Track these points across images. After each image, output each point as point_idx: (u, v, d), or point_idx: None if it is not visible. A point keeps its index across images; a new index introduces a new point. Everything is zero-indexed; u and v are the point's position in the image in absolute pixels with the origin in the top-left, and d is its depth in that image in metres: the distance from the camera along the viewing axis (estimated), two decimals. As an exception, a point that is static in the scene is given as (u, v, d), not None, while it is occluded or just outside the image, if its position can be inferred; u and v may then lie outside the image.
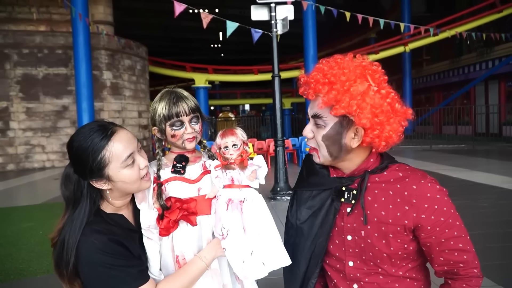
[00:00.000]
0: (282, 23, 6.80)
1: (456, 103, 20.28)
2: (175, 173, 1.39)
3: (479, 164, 10.32)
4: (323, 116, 1.14)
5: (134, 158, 1.25)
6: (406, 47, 18.42)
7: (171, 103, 1.36)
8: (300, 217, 1.25)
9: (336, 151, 1.15)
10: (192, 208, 1.36)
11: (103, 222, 1.24)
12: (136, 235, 1.33)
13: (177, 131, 1.37)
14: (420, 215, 1.09)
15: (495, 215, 5.33)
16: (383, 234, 1.12)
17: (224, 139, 1.33)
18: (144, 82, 16.33)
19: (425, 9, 23.39)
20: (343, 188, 1.17)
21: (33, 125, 13.27)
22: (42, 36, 13.40)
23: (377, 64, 1.18)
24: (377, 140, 1.12)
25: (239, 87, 27.23)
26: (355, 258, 1.18)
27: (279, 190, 6.88)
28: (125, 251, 1.22)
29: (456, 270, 1.12)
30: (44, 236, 5.04)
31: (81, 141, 1.20)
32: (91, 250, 1.17)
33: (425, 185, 1.11)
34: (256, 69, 20.08)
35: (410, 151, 14.50)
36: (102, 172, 1.21)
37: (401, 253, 1.13)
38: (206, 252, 1.32)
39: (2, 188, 9.48)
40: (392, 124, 1.12)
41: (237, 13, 23.44)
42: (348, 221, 1.17)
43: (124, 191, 1.27)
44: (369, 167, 1.18)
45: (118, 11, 17.95)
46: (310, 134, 1.18)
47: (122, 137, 1.23)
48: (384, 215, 1.12)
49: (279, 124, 6.94)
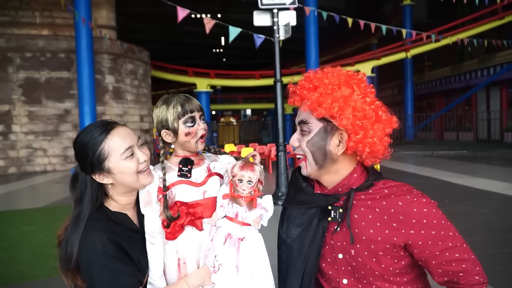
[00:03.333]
0: (284, 29, 6.83)
1: (457, 109, 20.28)
2: (181, 176, 1.39)
3: (481, 170, 10.30)
4: (308, 121, 1.15)
5: (133, 151, 1.29)
6: (407, 53, 18.46)
7: (183, 101, 1.38)
8: (290, 234, 1.24)
9: (321, 159, 1.15)
10: (198, 213, 1.36)
11: (106, 218, 1.28)
12: (139, 236, 1.34)
13: (191, 128, 1.38)
14: (408, 231, 1.08)
15: (496, 222, 5.32)
16: (373, 253, 1.11)
17: (242, 171, 1.30)
18: (146, 87, 16.37)
19: (427, 16, 23.47)
20: (329, 207, 1.16)
21: (35, 128, 13.30)
22: (45, 40, 13.47)
23: (363, 74, 1.19)
24: (360, 145, 1.11)
25: (240, 92, 27.28)
26: (348, 275, 1.16)
27: (280, 195, 6.88)
28: (123, 254, 1.24)
29: (457, 280, 1.10)
30: (45, 239, 5.04)
31: (83, 136, 1.28)
32: (91, 247, 1.20)
33: (410, 200, 1.10)
34: (258, 74, 20.14)
35: (412, 156, 14.49)
36: (102, 165, 1.26)
37: (393, 269, 1.12)
38: (194, 278, 1.32)
39: (3, 192, 9.49)
40: (375, 130, 1.12)
41: (239, 18, 23.51)
42: (338, 239, 1.16)
43: (124, 184, 1.30)
44: (353, 183, 1.17)
45: (121, 15, 18.05)
46: (296, 142, 1.19)
47: (120, 132, 1.29)
48: (372, 233, 1.11)
49: (280, 129, 6.96)
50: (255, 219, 1.32)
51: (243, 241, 1.30)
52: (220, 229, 1.32)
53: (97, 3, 14.31)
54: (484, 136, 18.37)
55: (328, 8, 10.38)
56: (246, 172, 1.30)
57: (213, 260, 1.29)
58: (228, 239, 1.29)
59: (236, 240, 1.29)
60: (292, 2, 6.84)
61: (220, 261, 1.28)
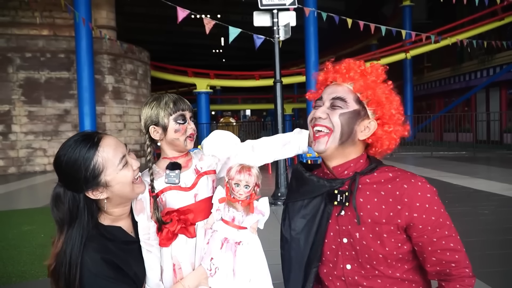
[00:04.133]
0: (284, 29, 6.84)
1: (457, 110, 20.28)
2: (169, 183, 1.37)
3: (480, 171, 10.31)
4: (346, 99, 1.18)
5: (127, 160, 1.25)
6: (407, 54, 18.47)
7: (175, 99, 1.39)
8: (295, 227, 1.23)
9: (346, 135, 1.18)
10: (190, 219, 1.35)
11: (100, 236, 1.22)
12: (135, 246, 1.32)
13: (182, 125, 1.37)
14: (412, 213, 1.11)
15: (496, 222, 5.33)
16: (378, 235, 1.14)
17: (239, 175, 1.29)
18: (146, 87, 16.38)
19: (427, 17, 23.48)
20: (335, 191, 1.18)
21: (34, 128, 13.30)
22: (45, 40, 13.47)
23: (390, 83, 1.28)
24: (385, 137, 1.19)
25: (240, 92, 27.27)
26: (352, 261, 1.18)
27: (280, 195, 6.89)
28: (118, 273, 1.20)
29: (449, 271, 1.13)
30: (45, 239, 5.04)
31: (69, 153, 1.18)
32: (85, 268, 1.16)
33: (415, 184, 1.13)
34: (257, 74, 20.15)
35: (411, 157, 14.49)
36: (97, 179, 1.19)
37: (396, 253, 1.14)
38: (190, 280, 1.31)
39: (3, 191, 9.49)
40: (399, 129, 1.21)
41: (239, 19, 23.53)
42: (343, 223, 1.18)
43: (121, 195, 1.25)
44: (359, 168, 1.20)
45: (121, 16, 18.05)
46: (324, 114, 1.19)
47: (109, 142, 1.23)
48: (377, 215, 1.14)
49: (280, 129, 6.96)
50: (252, 224, 1.30)
51: (240, 245, 1.28)
52: (216, 233, 1.31)
53: (97, 3, 14.32)
54: (483, 137, 18.37)
55: (328, 9, 10.39)
56: (243, 176, 1.29)
57: (210, 263, 1.28)
58: (224, 243, 1.28)
59: (233, 244, 1.28)
60: (292, 3, 6.85)
61: (217, 265, 1.27)
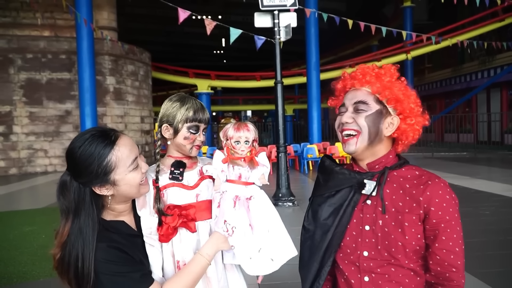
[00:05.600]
0: (285, 30, 6.85)
1: (457, 111, 20.28)
2: (173, 179, 1.40)
3: (481, 172, 10.31)
4: (368, 102, 1.25)
5: (138, 162, 1.26)
6: (408, 55, 18.47)
7: (197, 108, 1.42)
8: (322, 215, 1.30)
9: (374, 135, 1.24)
10: (191, 214, 1.37)
11: (103, 230, 1.22)
12: (139, 240, 1.33)
13: (193, 135, 1.41)
14: (430, 207, 1.17)
15: (496, 223, 5.33)
16: (399, 223, 1.19)
17: (238, 133, 1.31)
18: (147, 88, 16.39)
19: (427, 18, 23.48)
20: (364, 181, 1.25)
21: (36, 129, 13.33)
22: (46, 41, 13.50)
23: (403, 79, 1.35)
24: (409, 129, 1.26)
25: (241, 93, 27.29)
26: (370, 248, 1.22)
27: (281, 196, 6.89)
28: (126, 256, 1.21)
29: (448, 275, 1.18)
30: (46, 239, 5.05)
31: (85, 146, 1.19)
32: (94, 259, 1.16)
33: (439, 183, 1.20)
34: (258, 75, 20.14)
35: (412, 158, 14.46)
36: (107, 177, 1.20)
37: (415, 243, 1.19)
38: (208, 248, 1.31)
39: (4, 192, 9.51)
40: (421, 120, 1.30)
41: (240, 19, 23.54)
42: (368, 211, 1.24)
43: (127, 195, 1.27)
44: (388, 163, 1.27)
45: (122, 17, 18.08)
46: (350, 119, 1.26)
47: (126, 142, 1.24)
48: (401, 205, 1.20)
49: (281, 130, 6.97)
50: (260, 177, 1.34)
51: (252, 200, 1.31)
52: (226, 193, 1.32)
53: (98, 4, 14.35)
54: (484, 138, 18.36)
55: (329, 10, 10.40)
56: (242, 132, 1.31)
57: (225, 225, 1.28)
58: (237, 201, 1.30)
59: (244, 201, 1.31)
60: (293, 4, 6.86)
61: (233, 224, 1.28)
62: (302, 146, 12.83)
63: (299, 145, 13.19)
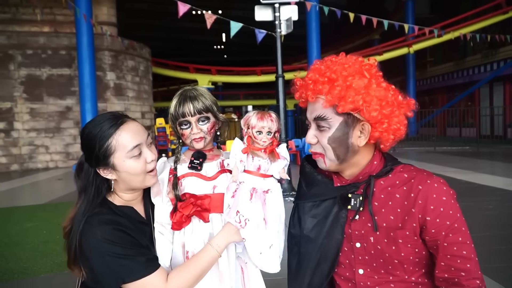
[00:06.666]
0: (286, 24, 6.79)
1: (460, 105, 20.19)
2: (192, 169, 1.39)
3: (484, 166, 10.26)
4: (326, 117, 1.09)
5: (141, 150, 1.25)
6: (410, 49, 18.37)
7: (178, 103, 1.38)
8: (305, 226, 1.19)
9: (343, 153, 1.10)
10: (205, 204, 1.35)
11: (111, 213, 1.24)
12: (147, 228, 1.32)
13: (185, 131, 1.39)
14: (425, 216, 1.04)
15: (500, 218, 5.29)
16: (392, 240, 1.07)
17: (261, 122, 1.24)
18: (147, 83, 16.35)
19: (429, 11, 23.32)
20: (349, 195, 1.13)
21: (36, 125, 13.30)
22: (46, 37, 13.44)
23: (373, 60, 1.15)
24: (385, 134, 1.09)
25: (242, 88, 27.23)
26: (365, 265, 1.12)
27: (282, 191, 6.86)
28: (132, 239, 1.21)
29: (457, 280, 1.05)
30: (47, 235, 5.04)
31: (92, 127, 1.23)
32: (96, 240, 1.17)
33: (431, 185, 1.06)
34: (259, 70, 20.08)
35: (414, 152, 14.44)
36: (107, 160, 1.22)
37: (413, 258, 1.08)
38: (219, 240, 1.27)
39: (6, 188, 9.50)
40: (398, 116, 1.09)
41: (240, 14, 23.41)
42: (356, 228, 1.13)
43: (129, 183, 1.26)
44: (373, 170, 1.14)
45: (122, 12, 17.98)
46: (314, 139, 1.13)
47: (130, 128, 1.24)
48: (393, 219, 1.08)
49: (283, 124, 6.93)
50: (280, 170, 1.28)
51: (268, 193, 1.27)
52: (243, 184, 1.27)
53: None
54: (487, 132, 18.29)
55: (330, 3, 10.32)
56: (266, 122, 1.24)
57: (238, 216, 1.24)
58: (253, 193, 1.26)
59: (261, 194, 1.26)
60: (294, -3, 6.80)
61: (247, 216, 1.23)
62: (303, 141, 12.78)
63: (300, 140, 13.13)
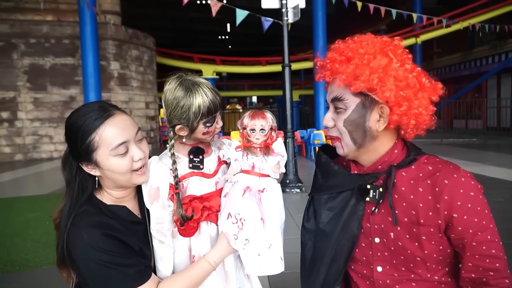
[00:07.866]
0: (293, 11, 6.64)
1: (467, 97, 19.97)
2: (193, 168, 1.27)
3: (491, 159, 10.12)
4: (343, 97, 1.03)
5: (128, 147, 1.12)
6: (417, 39, 18.12)
7: (210, 102, 1.21)
8: (321, 219, 1.12)
9: (360, 138, 1.03)
10: (215, 206, 1.24)
11: (99, 213, 1.14)
12: (141, 227, 1.21)
13: (210, 128, 1.24)
14: (451, 213, 0.96)
15: (511, 210, 5.17)
16: (415, 236, 0.99)
17: (253, 121, 1.22)
18: (152, 73, 16.24)
19: (437, 1, 23.00)
20: (367, 186, 1.05)
21: (40, 115, 13.25)
22: (49, 26, 13.32)
23: (399, 39, 1.06)
24: (405, 118, 1.00)
25: (246, 79, 27.08)
26: (384, 262, 1.04)
27: (288, 182, 6.77)
28: (122, 247, 1.10)
29: (485, 280, 0.98)
30: (50, 226, 4.95)
31: (76, 118, 1.12)
32: (83, 244, 1.07)
33: (458, 179, 0.98)
34: (264, 60, 19.91)
35: (420, 144, 13.96)
36: (89, 156, 1.11)
37: (437, 255, 1.00)
38: (215, 255, 1.19)
39: (9, 178, 9.47)
40: (420, 99, 1.00)
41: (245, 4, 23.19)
42: (375, 221, 1.04)
43: (115, 181, 1.15)
44: (394, 160, 1.05)
45: (125, 1, 17.80)
46: (331, 122, 1.07)
47: (117, 122, 1.11)
48: (414, 214, 0.99)
49: (289, 115, 6.81)
50: (273, 166, 1.23)
51: (264, 193, 1.20)
52: (237, 183, 1.22)
53: (101, -12, 14.13)
54: (494, 124, 18.09)
55: (337, -8, 10.11)
56: (257, 120, 1.21)
57: (234, 215, 1.18)
58: (247, 191, 1.19)
59: (256, 192, 1.20)
60: (301, -16, 6.64)
61: (242, 216, 1.17)
62: (309, 132, 12.65)
63: (305, 131, 13.01)
